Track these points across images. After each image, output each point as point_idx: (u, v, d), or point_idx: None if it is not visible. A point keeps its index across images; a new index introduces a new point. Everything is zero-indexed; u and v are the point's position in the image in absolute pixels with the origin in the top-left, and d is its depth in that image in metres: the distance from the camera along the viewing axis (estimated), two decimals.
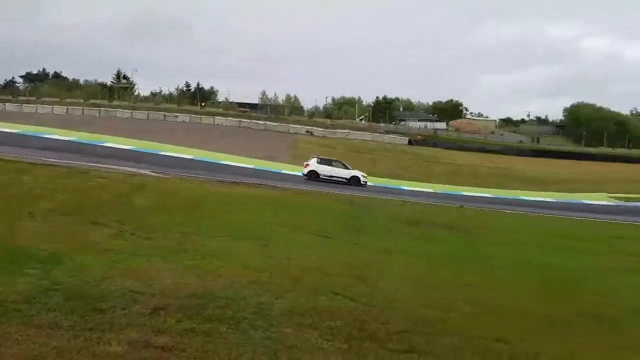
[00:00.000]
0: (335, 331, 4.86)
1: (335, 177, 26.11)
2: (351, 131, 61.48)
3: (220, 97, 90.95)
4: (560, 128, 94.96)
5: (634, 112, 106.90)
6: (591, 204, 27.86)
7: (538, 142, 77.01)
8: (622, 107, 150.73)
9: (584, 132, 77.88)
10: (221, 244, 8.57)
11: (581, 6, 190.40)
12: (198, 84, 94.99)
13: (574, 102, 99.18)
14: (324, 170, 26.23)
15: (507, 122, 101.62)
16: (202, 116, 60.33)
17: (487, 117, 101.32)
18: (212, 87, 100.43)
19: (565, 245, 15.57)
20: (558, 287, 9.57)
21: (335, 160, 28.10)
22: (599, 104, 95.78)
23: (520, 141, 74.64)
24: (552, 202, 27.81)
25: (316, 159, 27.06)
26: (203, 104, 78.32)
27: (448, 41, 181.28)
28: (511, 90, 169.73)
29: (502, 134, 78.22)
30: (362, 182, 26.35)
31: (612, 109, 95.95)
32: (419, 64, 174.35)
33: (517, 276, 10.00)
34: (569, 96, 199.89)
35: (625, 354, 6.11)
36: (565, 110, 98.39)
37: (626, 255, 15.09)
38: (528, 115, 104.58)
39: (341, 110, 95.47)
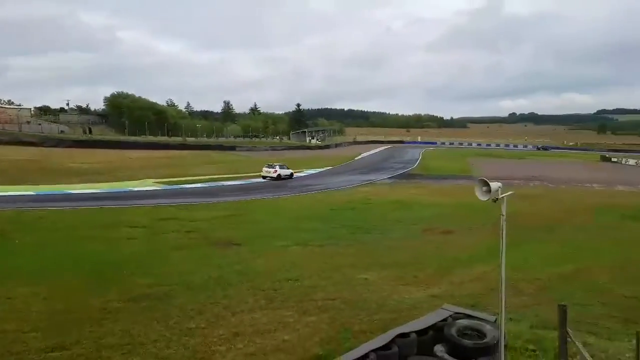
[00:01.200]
0: None
1: (286, 176, 39.12)
2: None
3: None
4: (103, 117, 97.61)
5: (170, 102, 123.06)
6: (139, 191, 30.14)
7: (90, 132, 76.73)
8: (160, 97, 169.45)
9: (127, 122, 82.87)
10: None
11: None
12: None
13: (114, 92, 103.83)
14: (284, 172, 39.16)
15: (44, 110, 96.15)
16: None
17: (20, 105, 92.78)
18: None
19: (119, 234, 16.38)
20: (111, 277, 9.99)
21: (284, 164, 40.87)
22: (138, 94, 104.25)
23: (62, 131, 72.43)
24: (100, 192, 28.40)
25: (278, 165, 39.63)
26: None
27: None
28: (47, 76, 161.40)
29: (39, 124, 73.45)
30: (293, 176, 39.87)
31: (151, 99, 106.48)
32: None
33: (72, 275, 9.83)
34: (109, 85, 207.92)
35: (176, 324, 7.06)
36: (106, 99, 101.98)
37: (176, 233, 17.33)
38: (68, 104, 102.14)
39: None
